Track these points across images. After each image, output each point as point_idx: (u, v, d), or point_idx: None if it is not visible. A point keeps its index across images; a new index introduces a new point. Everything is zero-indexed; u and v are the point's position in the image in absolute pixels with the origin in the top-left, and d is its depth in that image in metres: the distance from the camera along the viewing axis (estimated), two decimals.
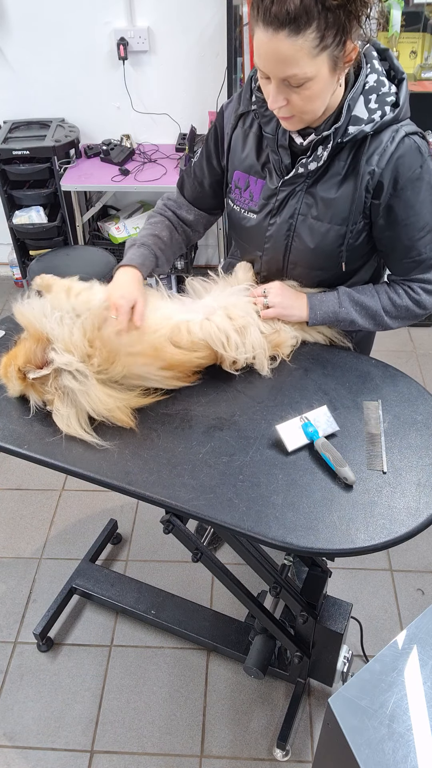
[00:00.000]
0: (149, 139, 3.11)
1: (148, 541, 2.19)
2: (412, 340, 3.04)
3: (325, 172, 1.25)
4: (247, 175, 1.34)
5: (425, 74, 2.61)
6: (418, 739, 0.86)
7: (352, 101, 1.17)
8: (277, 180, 1.30)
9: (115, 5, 2.75)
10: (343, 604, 1.50)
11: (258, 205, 1.34)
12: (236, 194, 1.38)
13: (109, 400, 1.22)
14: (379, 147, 1.19)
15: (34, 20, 2.79)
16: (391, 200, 1.23)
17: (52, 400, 1.24)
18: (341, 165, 1.23)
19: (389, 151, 1.19)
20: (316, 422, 1.21)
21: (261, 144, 1.31)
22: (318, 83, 1.07)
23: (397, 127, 1.19)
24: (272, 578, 1.42)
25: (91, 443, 1.21)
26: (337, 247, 1.30)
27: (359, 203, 1.24)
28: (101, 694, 1.81)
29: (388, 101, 1.18)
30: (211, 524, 1.11)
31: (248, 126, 1.32)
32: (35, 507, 2.32)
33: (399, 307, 1.36)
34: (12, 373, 1.24)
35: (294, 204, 1.30)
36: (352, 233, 1.28)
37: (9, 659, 1.89)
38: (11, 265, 3.39)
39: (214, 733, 1.72)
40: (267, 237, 1.36)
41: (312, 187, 1.27)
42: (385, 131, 1.19)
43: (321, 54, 1.03)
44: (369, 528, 1.08)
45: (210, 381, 1.34)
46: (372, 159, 1.20)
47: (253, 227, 1.37)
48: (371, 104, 1.18)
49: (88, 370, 1.21)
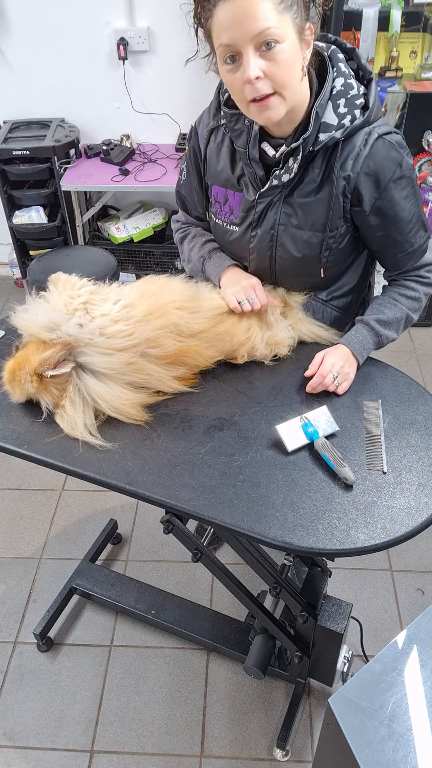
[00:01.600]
0: (149, 139, 3.10)
1: (148, 541, 2.19)
2: (412, 340, 3.04)
3: (300, 180, 1.25)
4: (224, 189, 1.34)
5: (425, 74, 2.60)
6: (418, 739, 0.86)
7: (320, 108, 1.16)
8: (253, 192, 1.30)
9: (115, 5, 2.74)
10: (343, 604, 1.50)
11: (239, 218, 1.35)
12: (217, 208, 1.38)
13: (130, 396, 1.24)
14: (353, 151, 1.19)
15: (34, 20, 2.79)
16: (378, 203, 1.23)
17: (63, 405, 1.23)
18: (316, 173, 1.23)
19: (363, 155, 1.19)
20: (316, 422, 1.21)
21: (234, 157, 1.31)
22: (288, 47, 1.07)
23: (369, 129, 1.19)
24: (272, 578, 1.42)
25: (95, 445, 1.21)
26: (319, 253, 1.31)
27: (337, 209, 1.25)
28: (101, 694, 1.81)
29: (358, 104, 1.18)
30: (211, 524, 1.11)
31: (220, 140, 1.32)
32: (35, 507, 2.32)
33: (419, 300, 1.38)
34: (24, 376, 1.22)
35: (273, 215, 1.30)
36: (334, 238, 1.29)
37: (9, 659, 1.89)
38: (11, 265, 3.39)
39: (214, 733, 1.72)
40: (251, 249, 1.37)
41: (289, 196, 1.27)
42: (357, 135, 1.19)
43: (285, 14, 1.06)
44: (369, 528, 1.08)
45: (210, 381, 1.34)
46: (346, 164, 1.20)
47: (237, 239, 1.38)
48: (340, 109, 1.17)
49: (118, 371, 1.23)
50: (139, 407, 1.26)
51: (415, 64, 2.65)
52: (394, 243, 1.31)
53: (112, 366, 1.21)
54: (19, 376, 1.23)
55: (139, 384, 1.26)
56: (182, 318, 1.28)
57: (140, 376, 1.25)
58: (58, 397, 1.23)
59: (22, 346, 1.27)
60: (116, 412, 1.24)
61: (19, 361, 1.24)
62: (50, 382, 1.22)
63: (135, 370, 1.24)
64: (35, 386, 1.22)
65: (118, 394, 1.23)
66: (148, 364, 1.25)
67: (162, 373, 1.27)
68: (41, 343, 1.23)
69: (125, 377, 1.24)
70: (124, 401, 1.23)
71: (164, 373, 1.27)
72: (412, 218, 1.28)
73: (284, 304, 1.41)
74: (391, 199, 1.23)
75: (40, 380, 1.22)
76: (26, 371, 1.22)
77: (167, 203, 3.27)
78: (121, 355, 1.22)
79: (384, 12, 2.49)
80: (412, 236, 1.30)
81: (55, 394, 1.23)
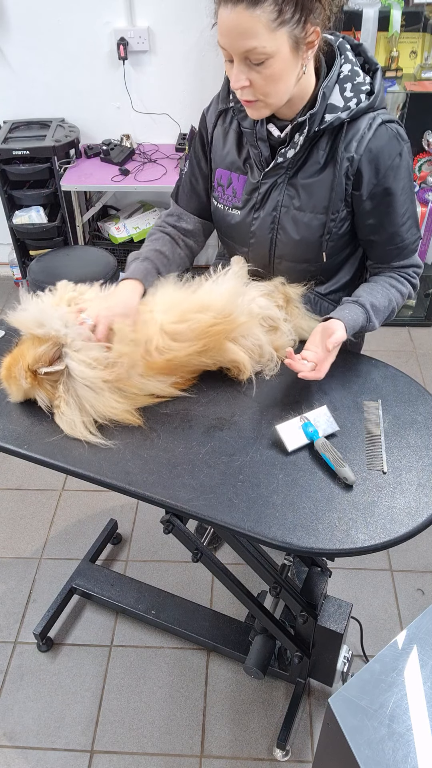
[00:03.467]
0: (149, 139, 3.10)
1: (148, 541, 2.19)
2: (412, 340, 3.04)
3: (305, 162, 1.26)
4: (229, 172, 1.35)
5: (425, 74, 2.60)
6: (418, 739, 0.86)
7: (327, 89, 1.19)
8: (258, 174, 1.31)
9: (115, 5, 2.74)
10: (343, 604, 1.50)
11: (241, 201, 1.35)
12: (219, 192, 1.39)
13: (118, 406, 1.23)
14: (357, 134, 1.21)
15: (34, 20, 2.79)
16: (374, 189, 1.24)
17: (58, 405, 1.23)
18: (320, 154, 1.24)
19: (367, 138, 1.20)
20: (316, 422, 1.21)
21: (241, 140, 1.33)
22: (278, 62, 1.09)
23: (374, 114, 1.21)
24: (272, 578, 1.42)
25: (96, 444, 1.21)
26: (320, 236, 1.31)
27: (339, 190, 1.25)
28: (101, 694, 1.81)
29: (363, 90, 1.21)
30: (211, 524, 1.11)
31: (228, 123, 1.34)
32: (35, 507, 2.32)
33: (404, 295, 1.37)
34: (18, 372, 1.23)
35: (276, 196, 1.31)
36: (335, 222, 1.29)
37: (9, 659, 1.89)
38: (11, 265, 3.38)
39: (214, 733, 1.72)
40: (252, 232, 1.37)
41: (293, 178, 1.28)
42: (362, 118, 1.21)
43: (280, 29, 1.06)
44: (369, 528, 1.08)
45: (210, 381, 1.34)
46: (350, 146, 1.21)
47: (238, 223, 1.38)
48: (347, 92, 1.20)
49: (102, 382, 1.22)
50: (134, 411, 1.25)
51: (415, 64, 2.65)
52: (385, 234, 1.31)
53: (94, 381, 1.21)
54: (15, 372, 1.23)
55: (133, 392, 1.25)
56: (163, 339, 1.24)
57: (127, 389, 1.24)
58: (52, 394, 1.24)
59: (20, 344, 1.28)
60: (106, 419, 1.23)
61: (15, 357, 1.24)
62: (44, 378, 1.22)
63: (119, 388, 1.23)
64: (29, 382, 1.23)
65: (106, 402, 1.22)
66: (135, 378, 1.24)
67: (150, 384, 1.26)
68: (36, 339, 1.23)
69: (113, 384, 1.23)
70: (112, 410, 1.22)
71: (154, 385, 1.26)
72: (406, 212, 1.29)
73: (285, 299, 1.40)
74: (388, 186, 1.24)
75: (34, 376, 1.22)
76: (20, 366, 1.22)
77: (167, 203, 3.26)
78: (103, 373, 1.21)
79: (384, 12, 2.49)
80: (403, 231, 1.31)
81: (49, 391, 1.23)
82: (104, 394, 1.22)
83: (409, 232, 1.31)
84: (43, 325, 1.22)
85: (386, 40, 2.58)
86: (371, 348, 1.62)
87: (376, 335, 3.00)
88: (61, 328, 1.22)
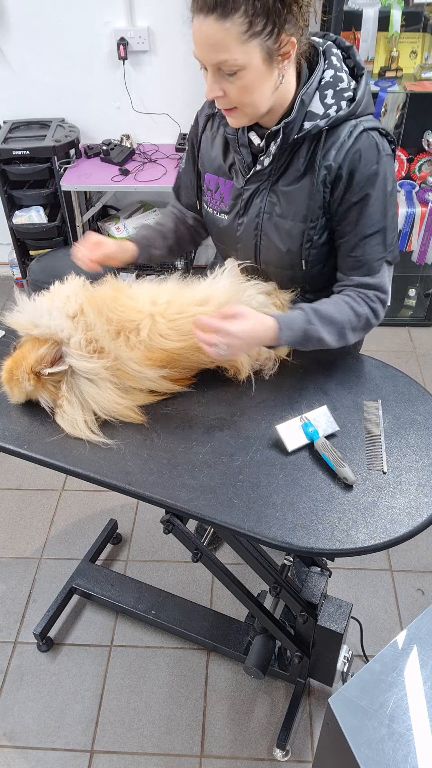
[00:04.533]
0: (149, 139, 3.10)
1: (148, 541, 2.19)
2: (412, 340, 3.04)
3: (286, 169, 1.25)
4: (216, 177, 1.36)
5: (425, 74, 2.60)
6: (418, 739, 0.86)
7: (306, 96, 1.17)
8: (242, 180, 1.31)
9: (115, 5, 2.74)
10: (343, 604, 1.50)
11: (228, 206, 1.36)
12: (208, 196, 1.39)
13: (121, 401, 1.23)
14: (337, 142, 1.19)
15: (34, 20, 2.79)
16: (346, 194, 1.22)
17: (60, 404, 1.23)
18: (300, 162, 1.23)
19: (347, 146, 1.19)
20: (316, 422, 1.21)
21: (227, 146, 1.33)
22: (250, 73, 1.09)
23: (356, 122, 1.19)
24: (272, 578, 1.42)
25: (97, 443, 1.21)
26: (300, 245, 1.30)
27: (317, 198, 1.24)
28: (101, 694, 1.81)
29: (346, 96, 1.18)
30: (211, 524, 1.11)
31: (215, 129, 1.34)
32: (35, 507, 2.32)
33: (360, 317, 1.29)
34: (21, 374, 1.22)
35: (259, 203, 1.31)
36: (315, 230, 1.28)
37: (9, 659, 1.89)
38: (11, 265, 3.38)
39: (214, 733, 1.72)
40: (238, 237, 1.37)
41: (275, 185, 1.28)
42: (343, 126, 1.19)
43: (251, 41, 1.05)
44: (369, 528, 1.08)
45: (210, 381, 1.34)
46: (329, 154, 1.20)
47: (226, 228, 1.38)
48: (327, 99, 1.18)
49: (105, 373, 1.22)
50: (136, 409, 1.26)
51: (415, 64, 2.65)
52: (349, 242, 1.26)
53: (96, 372, 1.21)
54: (17, 375, 1.23)
55: (132, 386, 1.25)
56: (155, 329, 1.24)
57: (127, 377, 1.24)
58: (55, 395, 1.24)
59: (19, 346, 1.28)
60: (110, 415, 1.24)
61: (16, 360, 1.24)
62: (47, 379, 1.22)
63: (119, 382, 1.24)
64: (32, 384, 1.22)
65: (109, 397, 1.23)
66: (130, 364, 1.24)
67: (149, 373, 1.25)
68: (35, 340, 1.23)
69: (114, 380, 1.24)
70: (116, 405, 1.23)
71: (152, 373, 1.26)
72: (374, 225, 1.23)
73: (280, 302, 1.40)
74: (361, 193, 1.21)
75: (38, 378, 1.22)
76: (23, 369, 1.22)
77: (167, 203, 3.27)
78: (101, 361, 1.22)
79: (384, 12, 2.49)
80: (368, 243, 1.25)
81: (52, 391, 1.24)
82: (106, 387, 1.22)
83: (374, 248, 1.25)
84: (38, 325, 1.23)
85: (386, 40, 2.58)
86: (371, 348, 1.62)
87: (376, 335, 3.00)
88: (50, 322, 1.21)
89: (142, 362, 1.25)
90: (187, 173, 1.47)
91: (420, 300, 3.18)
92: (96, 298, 1.27)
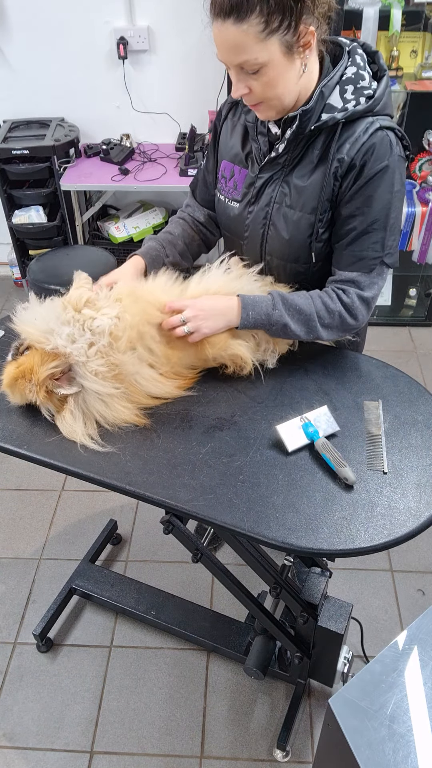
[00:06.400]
0: (149, 138, 3.10)
1: (148, 541, 2.19)
2: (412, 340, 3.04)
3: (300, 160, 1.27)
4: (232, 165, 1.37)
5: (425, 74, 2.60)
6: (418, 739, 0.86)
7: (326, 88, 1.19)
8: (257, 168, 1.32)
9: (115, 5, 2.74)
10: (344, 604, 1.49)
11: (240, 194, 1.37)
12: (222, 183, 1.40)
13: (126, 411, 1.24)
14: (352, 136, 1.20)
15: (34, 20, 2.79)
16: (354, 184, 1.22)
17: (63, 415, 1.22)
18: (315, 153, 1.24)
19: (361, 141, 1.20)
20: (317, 422, 1.21)
21: (247, 134, 1.34)
22: (273, 69, 1.12)
23: (373, 119, 1.20)
24: (272, 579, 1.41)
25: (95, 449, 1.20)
26: (307, 237, 1.30)
27: (327, 191, 1.24)
28: (101, 694, 1.80)
29: (365, 94, 1.20)
30: (211, 525, 1.11)
31: (237, 117, 1.36)
32: (35, 507, 2.32)
33: (332, 313, 1.29)
34: (29, 387, 1.20)
35: (270, 192, 1.32)
36: (322, 222, 1.28)
37: (9, 660, 1.88)
38: (11, 264, 3.38)
39: (214, 733, 1.72)
40: (246, 225, 1.38)
41: (288, 175, 1.29)
42: (360, 122, 1.20)
43: (270, 38, 1.08)
44: (369, 528, 1.07)
45: (210, 381, 1.34)
46: (343, 147, 1.21)
47: (236, 216, 1.39)
48: (347, 94, 1.20)
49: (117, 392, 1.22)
50: (139, 413, 1.25)
51: (416, 64, 2.65)
52: (349, 236, 1.26)
53: (109, 392, 1.21)
54: (22, 385, 1.21)
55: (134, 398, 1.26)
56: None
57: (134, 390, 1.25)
58: (60, 408, 1.22)
59: (23, 349, 1.25)
60: (115, 426, 1.24)
61: (23, 371, 1.21)
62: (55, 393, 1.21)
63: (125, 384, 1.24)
64: (41, 399, 1.21)
65: (115, 414, 1.23)
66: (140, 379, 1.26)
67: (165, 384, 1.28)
68: (44, 353, 1.20)
69: (122, 393, 1.24)
70: (120, 415, 1.23)
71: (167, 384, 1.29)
72: (374, 221, 1.23)
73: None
74: (365, 188, 1.21)
75: (48, 394, 1.20)
76: (33, 383, 1.20)
77: (167, 203, 3.27)
78: (113, 382, 1.22)
79: (384, 11, 2.49)
80: (367, 241, 1.25)
81: (58, 405, 1.22)
82: (114, 404, 1.22)
83: (371, 245, 1.25)
84: (50, 341, 1.20)
85: (387, 39, 2.58)
86: (371, 348, 1.61)
87: (376, 335, 3.00)
88: (68, 345, 1.19)
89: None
90: (206, 169, 1.48)
91: (420, 300, 3.18)
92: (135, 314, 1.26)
